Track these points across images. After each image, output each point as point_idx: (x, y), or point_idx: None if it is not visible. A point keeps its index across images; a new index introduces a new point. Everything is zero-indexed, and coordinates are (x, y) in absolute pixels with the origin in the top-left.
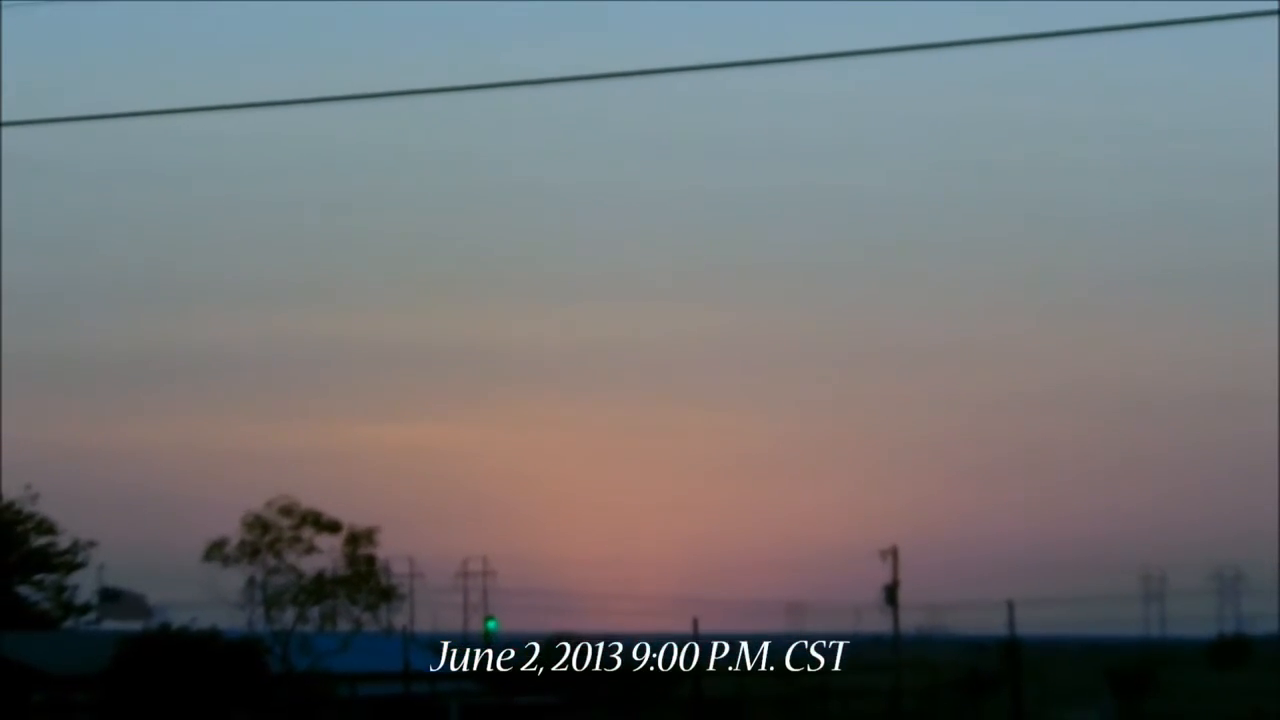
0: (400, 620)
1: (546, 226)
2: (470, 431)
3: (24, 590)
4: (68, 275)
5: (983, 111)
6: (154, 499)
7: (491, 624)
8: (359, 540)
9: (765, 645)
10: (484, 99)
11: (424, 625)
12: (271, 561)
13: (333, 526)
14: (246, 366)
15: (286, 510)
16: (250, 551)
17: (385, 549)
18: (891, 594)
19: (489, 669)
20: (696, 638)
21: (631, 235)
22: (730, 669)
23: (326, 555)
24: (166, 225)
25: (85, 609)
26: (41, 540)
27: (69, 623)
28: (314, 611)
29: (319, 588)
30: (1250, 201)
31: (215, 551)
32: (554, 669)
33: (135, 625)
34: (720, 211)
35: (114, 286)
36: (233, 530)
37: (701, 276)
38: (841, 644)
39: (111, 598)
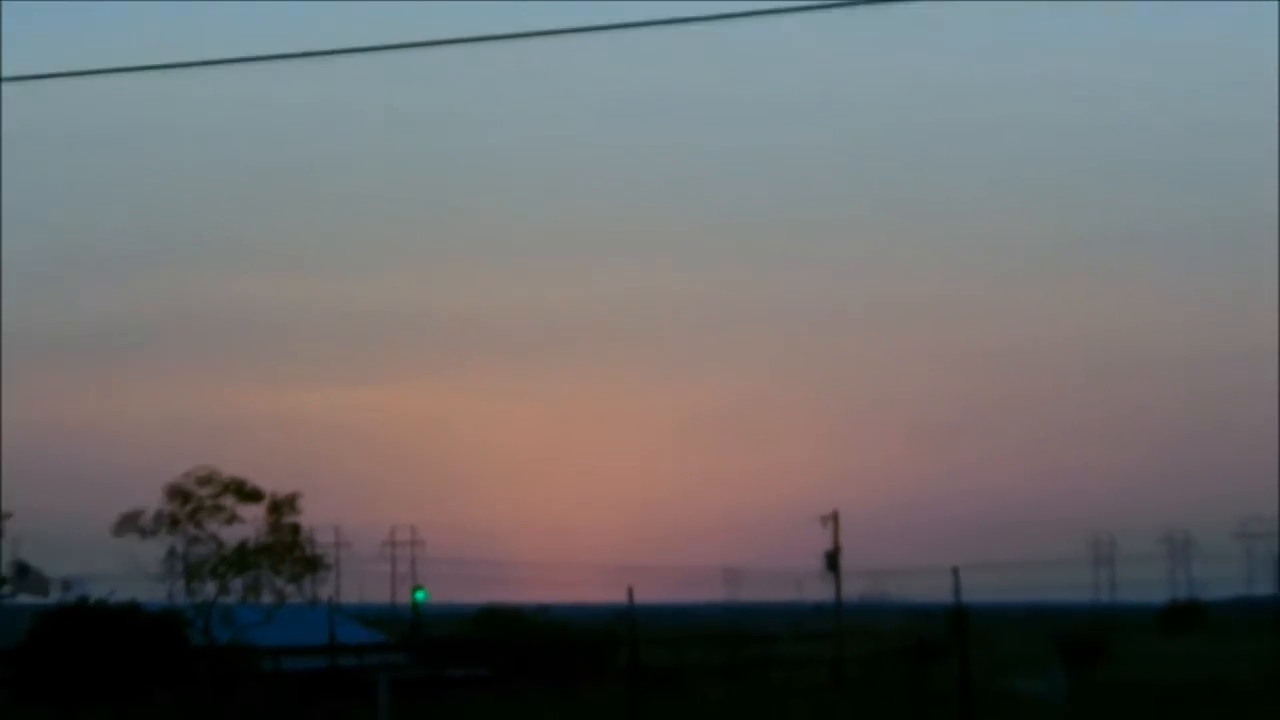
0: (326, 591)
1: (489, 183)
2: (400, 397)
3: None
4: None
5: (946, 70)
6: (73, 470)
7: (420, 594)
8: (282, 508)
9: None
10: (440, 56)
11: (351, 596)
12: (192, 532)
13: (255, 495)
14: (165, 332)
15: (206, 479)
16: (170, 522)
17: (310, 518)
18: (833, 560)
19: (417, 641)
20: (632, 607)
21: (581, 194)
22: (668, 639)
23: (249, 525)
24: (90, 186)
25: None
26: None
27: None
28: (236, 583)
29: (241, 558)
30: (1215, 160)
31: (129, 523)
32: (485, 641)
33: (49, 599)
34: (679, 171)
35: (31, 253)
36: (154, 501)
37: (642, 237)
38: (782, 612)
39: (24, 571)
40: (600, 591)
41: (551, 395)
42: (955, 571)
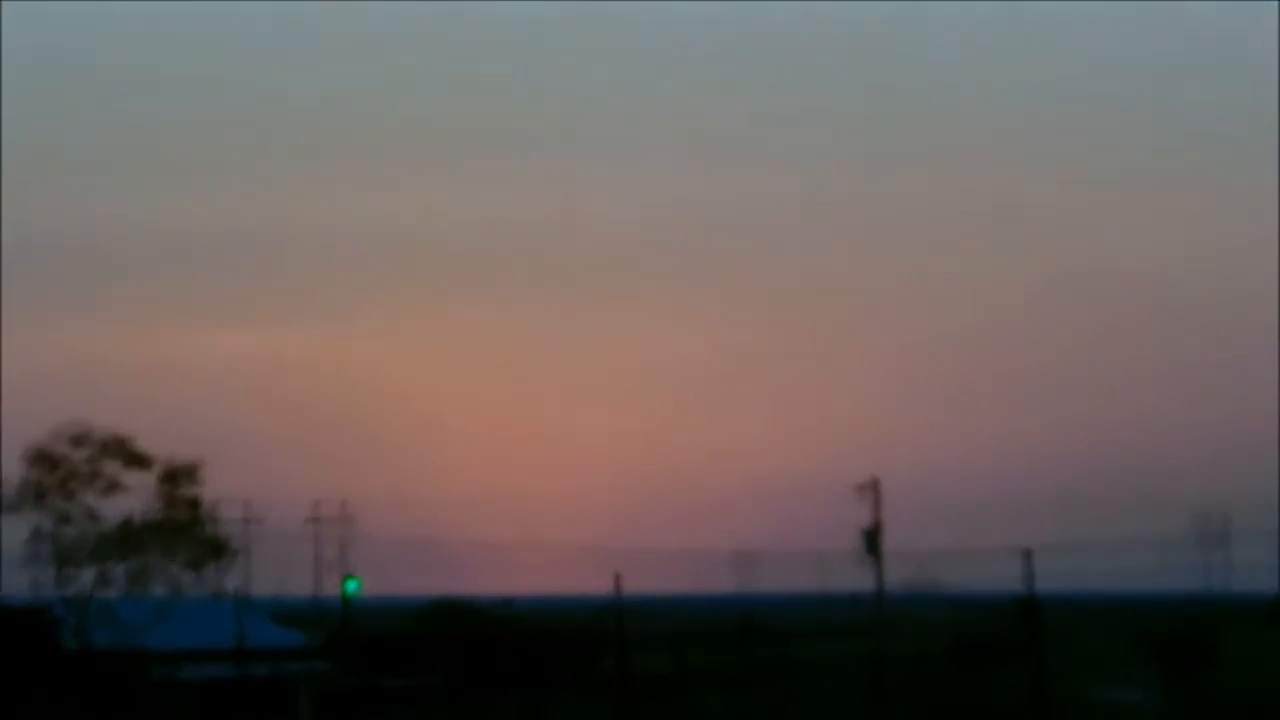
0: (233, 582)
1: (434, 75)
2: (325, 339)
3: None
4: None
5: None
6: None
7: (352, 584)
8: (178, 478)
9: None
10: None
11: (265, 588)
12: (62, 506)
13: (142, 459)
14: (27, 257)
15: (80, 439)
16: (34, 495)
17: (213, 489)
18: (872, 540)
19: (348, 643)
20: (620, 599)
21: (559, 80)
22: (663, 637)
23: (136, 496)
24: None
25: None
26: None
27: None
28: (120, 571)
29: (126, 540)
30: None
31: None
32: (433, 641)
33: None
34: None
35: None
36: (13, 470)
37: (635, 139)
38: (807, 604)
39: None
40: (580, 580)
41: (517, 337)
42: (1027, 554)
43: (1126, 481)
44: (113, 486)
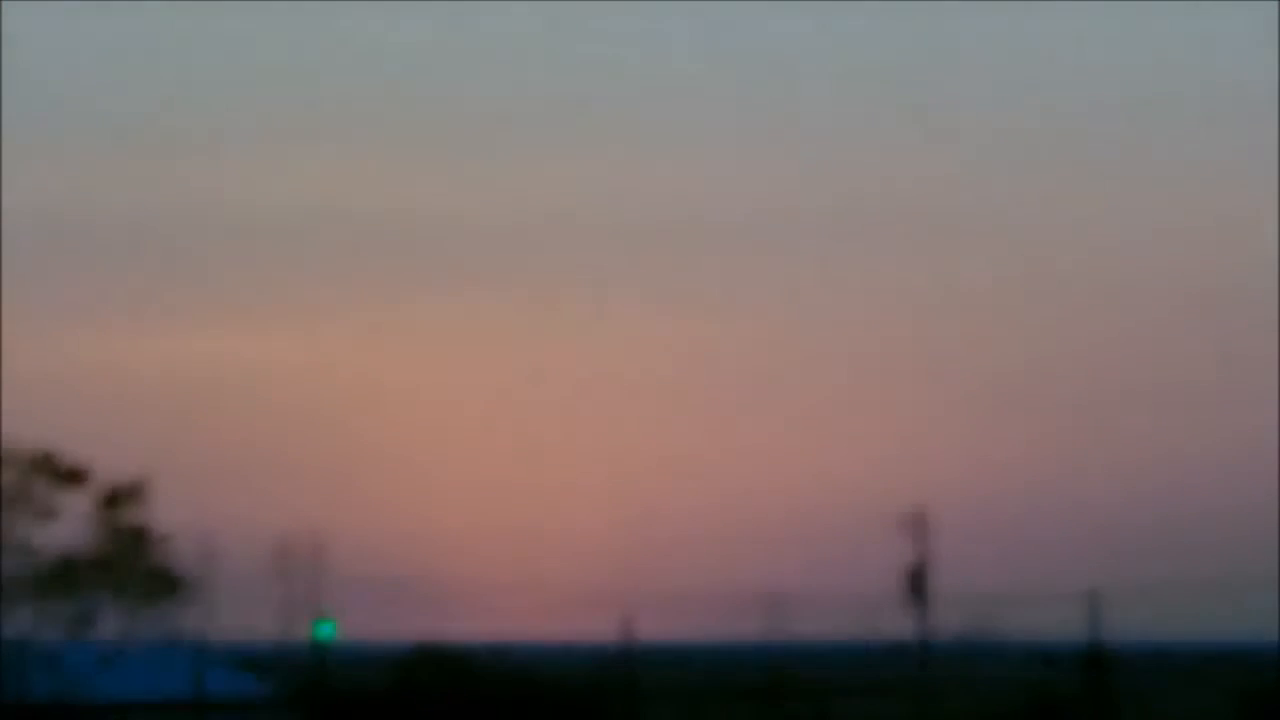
0: (190, 622)
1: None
2: (290, 340)
3: None
4: None
5: None
6: None
7: (325, 628)
8: (120, 500)
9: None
10: None
11: (225, 630)
12: None
13: (76, 475)
14: None
15: (8, 455)
16: None
17: (163, 515)
18: (918, 581)
19: (319, 695)
20: (630, 646)
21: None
22: (680, 691)
23: (72, 523)
24: None
25: None
26: None
27: None
28: (60, 610)
29: (65, 573)
30: None
31: None
32: (416, 694)
33: None
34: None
35: None
36: None
37: (637, 118)
38: (844, 653)
39: None
40: (584, 624)
41: (517, 347)
42: (1093, 597)
43: (1214, 515)
44: (46, 513)
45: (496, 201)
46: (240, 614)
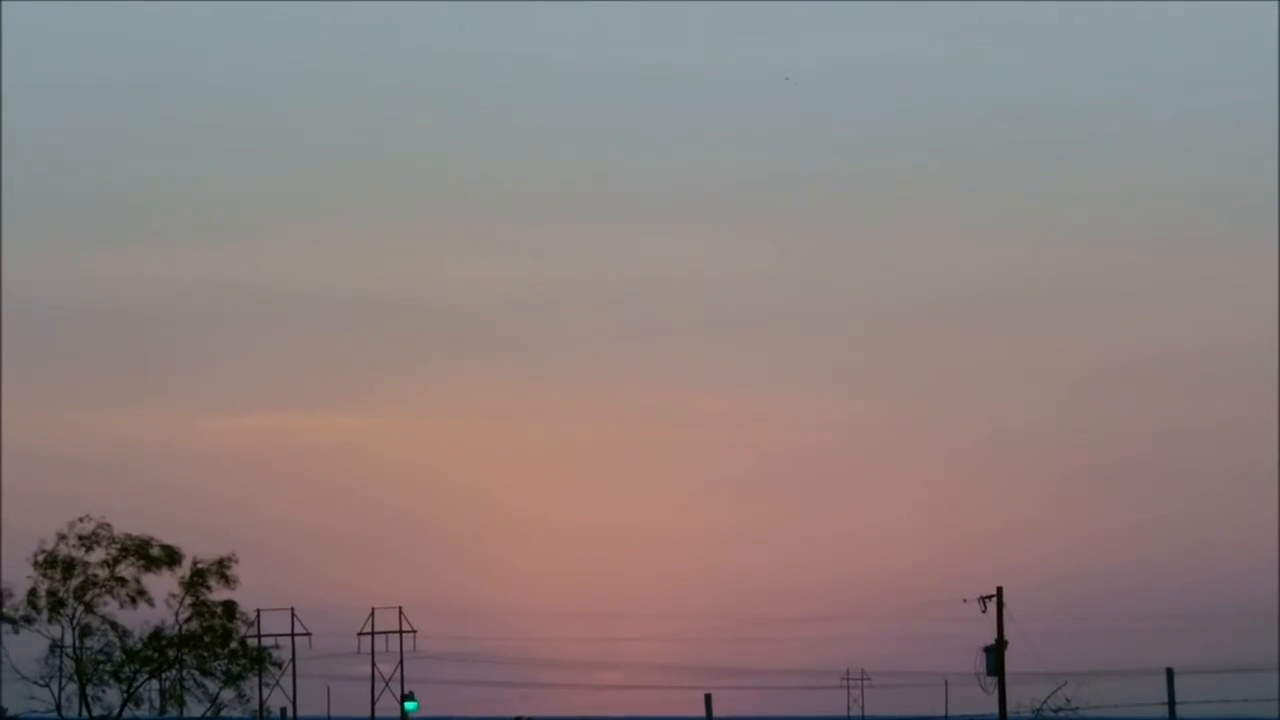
0: (278, 700)
1: (466, 133)
2: (372, 420)
3: None
4: None
5: None
6: None
7: (411, 706)
8: (206, 577)
9: None
10: None
11: (312, 707)
12: (83, 618)
13: (169, 558)
14: (25, 324)
15: (93, 537)
16: (51, 604)
17: (250, 593)
18: (996, 658)
19: None
20: None
21: (598, 144)
22: None
23: (163, 603)
24: None
25: None
26: None
27: None
28: (151, 687)
29: (156, 652)
30: None
31: None
32: None
33: None
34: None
35: None
36: (16, 575)
37: (714, 194)
38: None
39: None
40: (667, 703)
41: (576, 418)
42: (1170, 674)
43: None
44: (138, 594)
45: (583, 282)
46: (329, 689)
